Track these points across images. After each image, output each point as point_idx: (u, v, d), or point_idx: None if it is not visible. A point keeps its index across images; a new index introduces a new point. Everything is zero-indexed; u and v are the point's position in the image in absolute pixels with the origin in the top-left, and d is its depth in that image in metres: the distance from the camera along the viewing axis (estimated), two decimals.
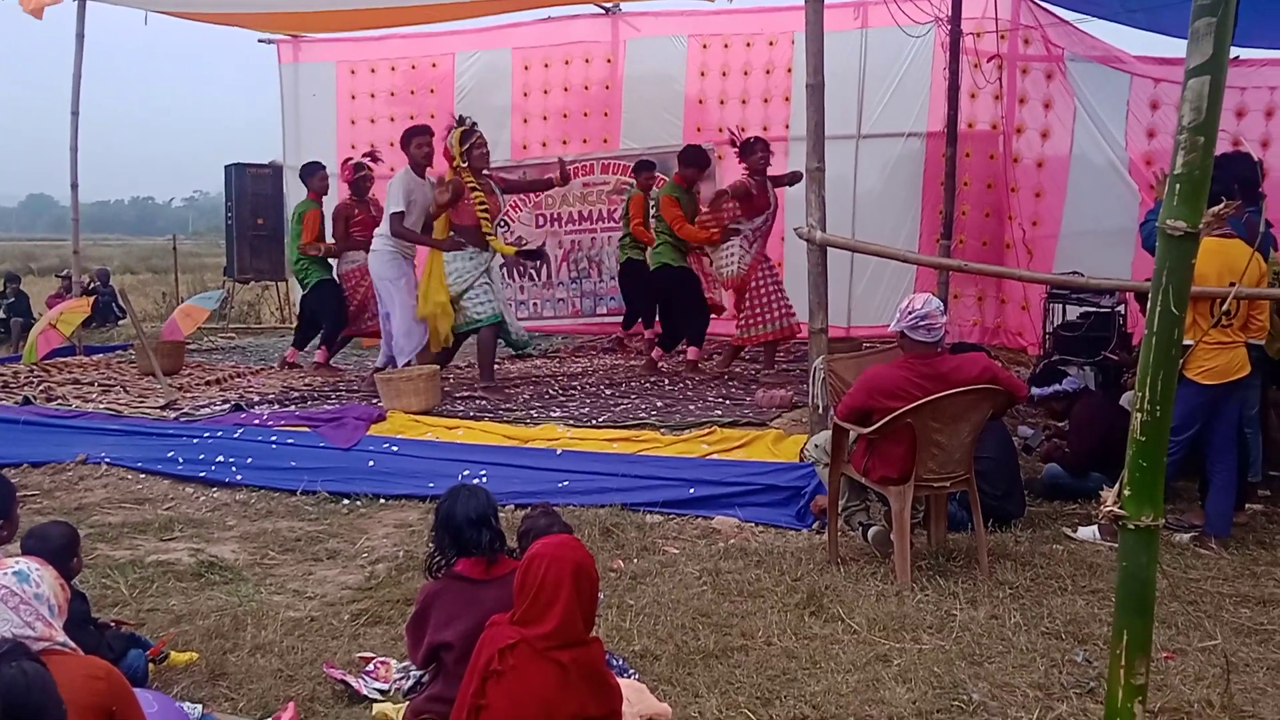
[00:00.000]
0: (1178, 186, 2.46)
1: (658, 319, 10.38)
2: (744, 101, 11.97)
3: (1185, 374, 5.50)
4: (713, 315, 10.16)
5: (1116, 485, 2.56)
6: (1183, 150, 2.43)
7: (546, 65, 12.80)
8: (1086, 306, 8.78)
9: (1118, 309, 8.45)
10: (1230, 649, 4.34)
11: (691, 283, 9.71)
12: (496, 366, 9.17)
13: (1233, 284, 5.34)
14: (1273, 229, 6.37)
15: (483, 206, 8.40)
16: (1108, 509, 2.54)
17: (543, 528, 3.88)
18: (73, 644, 3.05)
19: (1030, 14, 10.53)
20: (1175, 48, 9.84)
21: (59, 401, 8.70)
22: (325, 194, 10.36)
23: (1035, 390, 7.06)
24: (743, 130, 9.85)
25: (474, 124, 8.52)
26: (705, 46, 12.09)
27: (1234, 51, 8.27)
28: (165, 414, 8.19)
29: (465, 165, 8.38)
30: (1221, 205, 5.07)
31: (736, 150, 9.25)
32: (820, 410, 6.38)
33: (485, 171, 8.62)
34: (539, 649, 3.05)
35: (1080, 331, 8.61)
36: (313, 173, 10.36)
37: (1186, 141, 2.43)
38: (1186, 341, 5.33)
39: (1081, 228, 10.49)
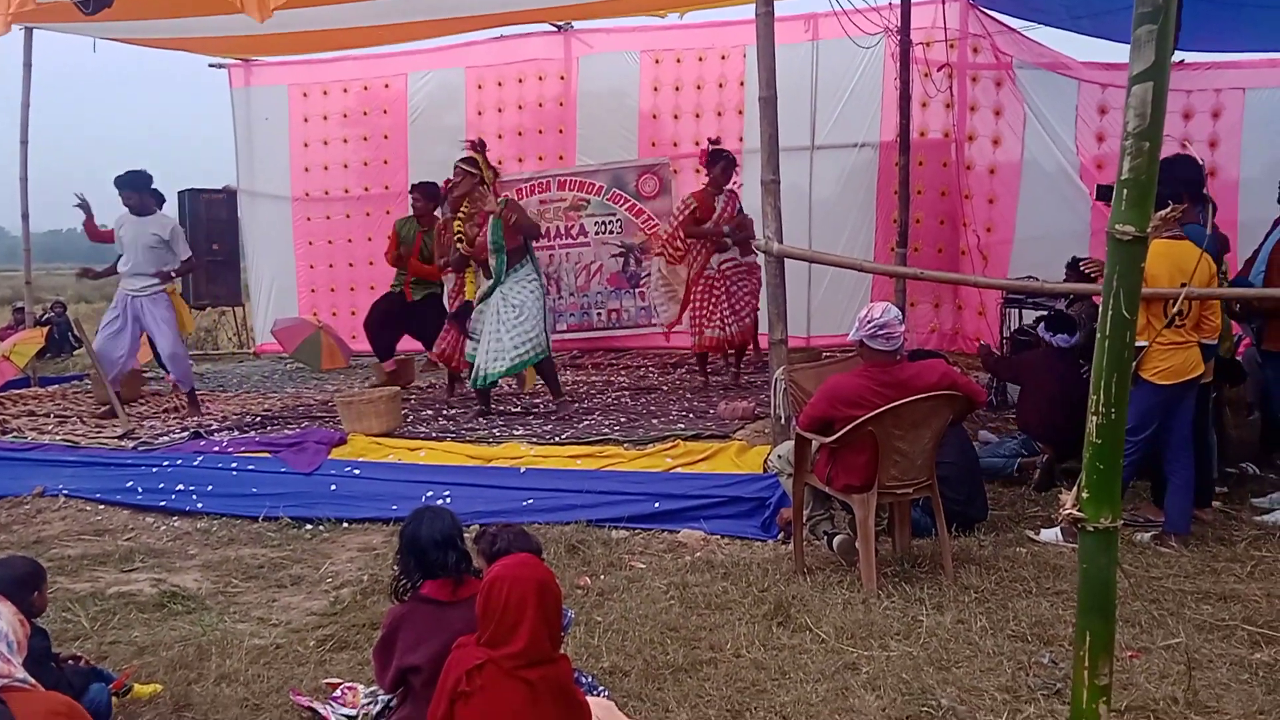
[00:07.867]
0: (1125, 191, 2.50)
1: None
2: (698, 115, 12.01)
3: (1141, 375, 5.57)
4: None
5: (1075, 488, 2.58)
6: (1129, 155, 2.47)
7: (500, 84, 12.78)
8: (1042, 310, 8.87)
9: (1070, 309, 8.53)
10: (1193, 646, 4.39)
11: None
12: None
13: (1184, 285, 5.42)
14: (1220, 230, 6.45)
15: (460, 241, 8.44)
16: (1066, 512, 2.57)
17: (504, 547, 3.81)
18: (32, 680, 3.01)
19: (978, 23, 10.65)
20: (1121, 53, 9.87)
21: (15, 434, 8.58)
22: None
23: (1043, 332, 7.20)
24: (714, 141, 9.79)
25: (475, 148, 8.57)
26: (658, 62, 12.12)
27: (1179, 55, 8.45)
28: (123, 444, 8.10)
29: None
30: (1169, 209, 5.12)
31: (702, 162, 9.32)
32: (782, 421, 6.40)
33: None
34: (507, 669, 3.04)
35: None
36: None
37: (1132, 147, 2.46)
38: (1141, 343, 5.43)
39: (1035, 232, 10.59)
